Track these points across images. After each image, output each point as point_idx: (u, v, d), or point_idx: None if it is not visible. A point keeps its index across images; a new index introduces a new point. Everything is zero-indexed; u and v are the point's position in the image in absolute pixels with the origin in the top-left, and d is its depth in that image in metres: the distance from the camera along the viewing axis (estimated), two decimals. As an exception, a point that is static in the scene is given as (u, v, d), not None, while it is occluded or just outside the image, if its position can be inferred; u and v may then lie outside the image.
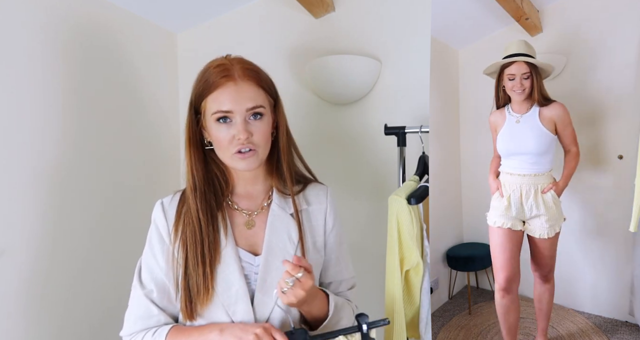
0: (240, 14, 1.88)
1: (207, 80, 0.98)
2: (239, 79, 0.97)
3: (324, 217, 1.08)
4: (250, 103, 0.96)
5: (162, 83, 1.87)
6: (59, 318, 1.38)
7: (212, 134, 0.99)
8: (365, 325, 0.93)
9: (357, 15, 1.71)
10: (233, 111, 0.96)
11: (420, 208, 1.25)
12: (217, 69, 0.98)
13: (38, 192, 1.35)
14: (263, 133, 0.99)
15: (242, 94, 0.96)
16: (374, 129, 1.67)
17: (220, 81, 0.96)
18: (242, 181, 1.07)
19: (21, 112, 1.31)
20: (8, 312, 1.26)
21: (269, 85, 1.03)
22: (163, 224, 1.02)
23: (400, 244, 1.20)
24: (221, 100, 0.96)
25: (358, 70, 1.60)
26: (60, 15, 1.43)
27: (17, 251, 1.29)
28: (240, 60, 1.02)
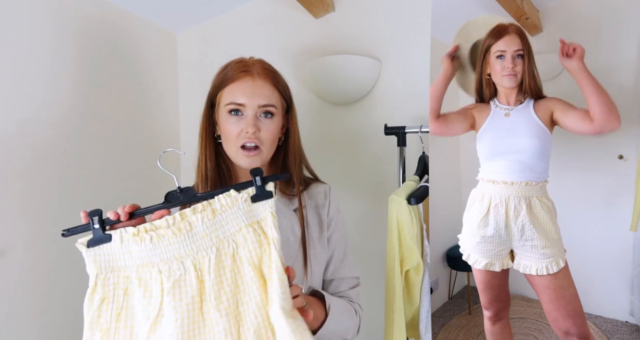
0: (240, 14, 1.88)
1: (227, 74, 1.01)
2: (257, 76, 1.00)
3: (327, 214, 1.10)
4: (263, 100, 0.99)
5: (162, 83, 1.87)
6: (59, 318, 1.38)
7: (222, 125, 1.01)
8: (259, 178, 0.81)
9: (357, 15, 1.71)
10: (246, 105, 0.98)
11: (420, 208, 1.25)
12: (237, 65, 1.02)
13: (38, 192, 1.35)
14: (271, 132, 1.01)
15: (257, 90, 0.99)
16: (374, 129, 1.66)
17: (239, 75, 1.00)
18: (245, 178, 1.08)
19: (21, 112, 1.31)
20: (8, 312, 1.26)
21: (284, 89, 1.06)
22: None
23: (400, 244, 1.20)
24: (236, 93, 0.99)
25: (358, 70, 1.60)
26: (60, 15, 1.43)
27: (17, 251, 1.29)
28: (261, 61, 1.06)
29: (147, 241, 0.78)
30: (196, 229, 0.78)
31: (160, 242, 0.78)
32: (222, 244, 0.79)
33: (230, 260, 0.79)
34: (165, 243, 0.78)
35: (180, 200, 0.83)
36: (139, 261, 0.80)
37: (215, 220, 0.79)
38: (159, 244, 0.78)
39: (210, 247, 0.79)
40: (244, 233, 0.79)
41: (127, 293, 0.81)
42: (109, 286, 0.82)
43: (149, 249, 0.79)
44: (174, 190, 0.84)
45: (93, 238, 0.82)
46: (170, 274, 0.78)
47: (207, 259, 0.78)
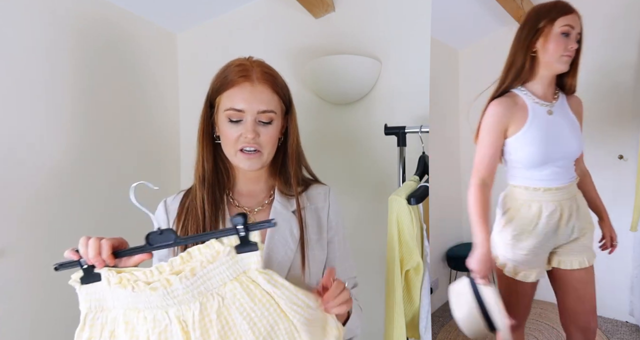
0: (240, 14, 1.88)
1: (226, 77, 1.01)
2: (257, 81, 1.00)
3: (327, 215, 1.09)
4: (262, 106, 0.99)
5: (162, 83, 1.87)
6: (60, 318, 1.38)
7: (222, 129, 1.01)
8: (242, 227, 0.73)
9: (357, 15, 1.71)
10: (245, 111, 0.98)
11: (420, 208, 1.25)
12: (237, 68, 1.01)
13: (38, 191, 1.35)
14: (270, 136, 1.01)
15: (257, 96, 0.99)
16: (374, 129, 1.66)
17: (238, 80, 0.99)
18: (244, 179, 1.08)
19: (21, 111, 1.31)
20: (8, 312, 1.26)
21: (284, 92, 1.05)
22: (163, 218, 1.05)
23: (400, 244, 1.20)
24: (236, 99, 0.98)
25: (358, 70, 1.60)
26: (60, 15, 1.43)
27: (17, 251, 1.29)
28: (260, 63, 1.04)
29: (129, 289, 0.76)
30: (175, 285, 0.74)
31: (142, 293, 0.75)
32: (205, 298, 0.75)
33: (215, 315, 0.75)
34: (146, 294, 0.75)
35: (161, 245, 0.80)
36: (125, 305, 0.78)
37: (195, 278, 0.74)
38: (141, 294, 0.75)
39: (193, 301, 0.75)
40: (231, 288, 0.75)
41: (113, 335, 0.79)
42: (97, 327, 0.81)
43: (133, 295, 0.76)
44: (155, 231, 0.81)
45: (84, 276, 0.81)
46: (155, 325, 0.76)
47: (190, 313, 0.75)
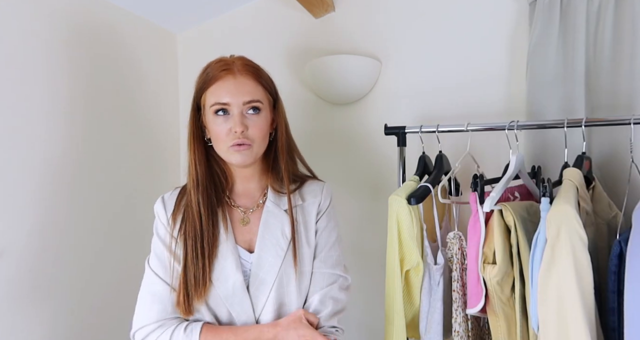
0: (240, 14, 1.88)
1: (208, 74, 1.01)
2: (238, 73, 1.00)
3: (317, 209, 1.09)
4: (247, 96, 0.99)
5: (162, 83, 1.87)
6: (60, 318, 1.38)
7: (210, 127, 1.01)
8: None
9: (357, 15, 1.71)
10: (230, 104, 0.98)
11: (420, 208, 1.25)
12: (218, 64, 1.01)
13: (38, 191, 1.35)
14: (259, 128, 1.00)
15: (240, 88, 0.98)
16: (374, 129, 1.66)
17: (220, 74, 0.99)
18: (239, 179, 1.08)
19: (21, 111, 1.31)
20: (8, 312, 1.26)
21: (268, 83, 1.05)
22: (163, 214, 1.06)
23: (400, 244, 1.19)
24: (219, 93, 0.98)
25: (358, 70, 1.60)
26: (60, 15, 1.43)
27: (17, 251, 1.29)
28: (241, 57, 1.05)
29: None
30: None
31: None
32: None
33: None
34: None
35: None
36: None
37: None
38: None
39: None
40: None
41: None
42: None
43: None
44: None
45: None
46: None
47: None
